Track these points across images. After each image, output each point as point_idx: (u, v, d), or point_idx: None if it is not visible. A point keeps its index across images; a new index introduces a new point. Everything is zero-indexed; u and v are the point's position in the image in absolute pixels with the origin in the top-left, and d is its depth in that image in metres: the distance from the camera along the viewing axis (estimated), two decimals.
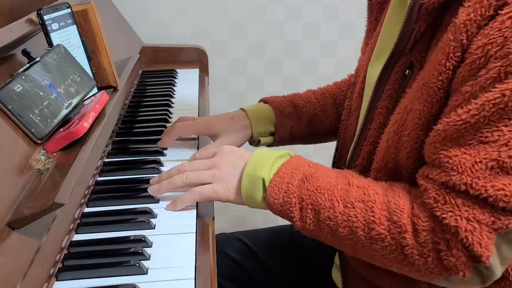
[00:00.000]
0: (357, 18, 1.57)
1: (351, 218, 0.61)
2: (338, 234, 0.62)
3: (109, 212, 0.71)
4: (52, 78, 0.70)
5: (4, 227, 0.52)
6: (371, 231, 0.60)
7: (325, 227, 0.63)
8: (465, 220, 0.55)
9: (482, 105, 0.53)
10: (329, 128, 0.97)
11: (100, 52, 0.89)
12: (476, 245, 0.55)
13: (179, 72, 1.38)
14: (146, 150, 0.90)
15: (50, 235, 0.58)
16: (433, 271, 0.58)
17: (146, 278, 0.59)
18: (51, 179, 0.61)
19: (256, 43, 1.56)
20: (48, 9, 0.76)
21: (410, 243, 0.58)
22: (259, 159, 0.68)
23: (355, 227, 0.61)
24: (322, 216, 0.63)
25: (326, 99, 0.97)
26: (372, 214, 0.60)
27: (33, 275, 0.53)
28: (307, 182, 0.64)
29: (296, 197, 0.64)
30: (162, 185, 0.72)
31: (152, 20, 1.48)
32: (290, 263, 0.94)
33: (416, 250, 0.58)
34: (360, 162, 0.73)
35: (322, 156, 1.75)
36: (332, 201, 0.62)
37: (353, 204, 0.61)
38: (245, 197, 0.68)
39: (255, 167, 0.67)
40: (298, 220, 0.65)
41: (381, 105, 0.69)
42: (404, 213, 0.59)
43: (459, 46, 0.55)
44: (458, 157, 0.55)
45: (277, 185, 0.65)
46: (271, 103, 0.94)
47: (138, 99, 1.16)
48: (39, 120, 0.65)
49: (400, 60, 0.66)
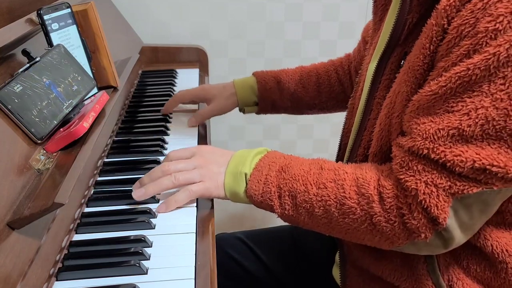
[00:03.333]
0: (357, 18, 1.57)
1: (324, 197, 0.66)
2: (314, 215, 0.67)
3: (109, 212, 0.71)
4: (52, 78, 0.70)
5: (4, 227, 0.52)
6: (343, 206, 0.65)
7: (302, 210, 0.68)
8: (424, 183, 0.59)
9: (449, 77, 0.57)
10: (309, 103, 1.07)
11: (100, 52, 0.89)
12: (433, 207, 0.59)
13: (179, 72, 1.38)
14: (146, 150, 0.90)
15: (50, 235, 0.58)
16: (400, 236, 0.63)
17: (146, 278, 0.59)
18: (51, 179, 0.61)
19: (256, 43, 1.56)
20: (48, 9, 0.76)
21: (377, 211, 0.63)
22: (240, 157, 0.73)
23: (328, 205, 0.65)
24: (298, 200, 0.67)
25: (310, 78, 1.06)
26: (343, 190, 0.65)
27: (33, 275, 0.53)
28: (283, 172, 0.69)
29: (274, 186, 0.69)
30: (149, 188, 0.71)
31: (152, 20, 1.48)
32: (290, 262, 0.94)
33: (383, 217, 0.62)
34: (361, 152, 0.76)
35: (322, 156, 1.75)
36: (306, 185, 0.67)
37: (325, 185, 0.66)
38: (229, 192, 0.72)
39: (236, 165, 0.72)
40: (278, 207, 0.69)
41: (378, 95, 0.73)
42: (371, 184, 0.64)
43: (441, 30, 0.59)
44: (425, 125, 0.59)
45: (256, 178, 0.70)
46: (257, 76, 1.06)
47: (138, 99, 1.16)
48: (39, 120, 0.65)
49: (395, 51, 0.70)
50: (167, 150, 0.90)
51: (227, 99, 1.05)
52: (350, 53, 1.08)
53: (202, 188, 0.71)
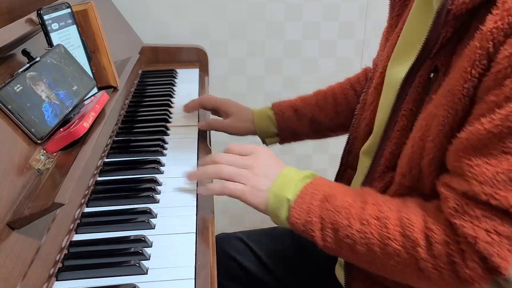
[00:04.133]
0: (357, 18, 1.57)
1: (367, 235, 0.62)
2: (356, 251, 0.64)
3: (109, 212, 0.71)
4: (52, 78, 0.70)
5: (4, 227, 0.52)
6: (386, 247, 0.61)
7: (344, 245, 0.64)
8: (484, 231, 0.55)
9: (506, 115, 0.52)
10: (329, 126, 1.03)
11: (100, 52, 0.89)
12: (495, 257, 0.54)
13: (179, 72, 1.38)
14: (146, 150, 0.90)
15: (50, 235, 0.58)
16: (450, 283, 0.59)
17: (146, 278, 0.59)
18: (51, 179, 0.61)
19: (256, 43, 1.56)
20: (48, 9, 0.76)
21: (424, 257, 0.59)
22: (285, 179, 0.70)
23: (371, 244, 0.62)
24: (340, 234, 0.64)
25: (327, 99, 1.02)
26: (387, 230, 0.61)
27: (33, 275, 0.53)
28: (327, 202, 0.66)
29: (317, 216, 0.66)
30: (197, 171, 0.75)
31: (152, 20, 1.48)
32: (291, 262, 0.94)
33: (430, 263, 0.58)
34: (384, 161, 0.73)
35: (322, 156, 1.75)
36: (349, 219, 0.64)
37: (368, 221, 0.63)
38: (271, 213, 0.70)
39: (281, 187, 0.69)
40: (320, 238, 0.66)
41: (405, 107, 0.69)
42: (416, 227, 0.59)
43: (485, 54, 0.54)
44: (480, 167, 0.55)
45: (299, 206, 0.67)
46: (274, 107, 1.04)
47: (138, 99, 1.16)
48: (39, 120, 0.65)
49: (425, 64, 0.66)
50: (167, 150, 0.90)
51: (242, 123, 1.03)
52: (368, 67, 1.04)
53: (239, 190, 0.70)
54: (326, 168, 1.75)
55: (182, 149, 0.92)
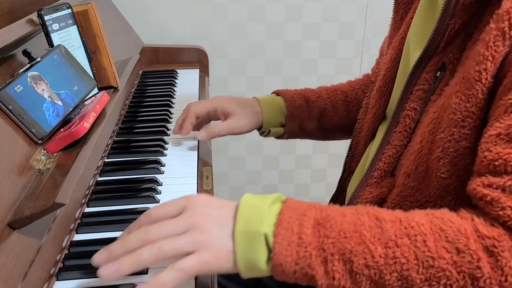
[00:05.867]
0: (357, 19, 1.57)
1: (398, 259, 0.49)
2: (382, 284, 0.50)
3: (109, 212, 0.71)
4: (52, 78, 0.70)
5: (5, 227, 0.52)
6: (429, 269, 0.49)
7: (362, 279, 0.50)
8: None
9: None
10: (338, 124, 0.97)
11: (100, 53, 0.89)
12: None
13: (180, 73, 1.38)
14: (146, 150, 0.90)
15: (50, 235, 0.59)
16: None
17: (147, 278, 0.59)
18: (51, 179, 0.61)
19: (256, 43, 1.56)
20: (49, 9, 0.76)
21: (485, 272, 0.48)
22: (251, 209, 0.53)
23: (405, 270, 0.49)
24: (356, 265, 0.50)
25: (337, 96, 0.97)
26: (426, 248, 0.49)
27: (33, 274, 0.53)
28: (323, 228, 0.51)
29: (314, 248, 0.51)
30: (124, 264, 0.51)
31: (152, 21, 1.48)
32: None
33: (494, 280, 0.48)
34: (381, 166, 0.70)
35: (322, 156, 1.75)
36: (366, 243, 0.50)
37: (396, 243, 0.50)
38: (243, 263, 0.52)
39: (249, 221, 0.52)
40: (323, 277, 0.51)
41: (408, 106, 0.66)
42: (470, 238, 0.49)
43: (500, 35, 0.52)
44: None
45: (285, 239, 0.51)
46: (283, 95, 0.95)
47: (139, 99, 1.16)
48: (40, 120, 0.65)
49: (432, 60, 0.63)
50: (167, 150, 0.90)
51: (248, 118, 0.90)
52: (368, 73, 1.02)
53: (197, 263, 0.51)
54: (326, 168, 1.76)
55: (183, 149, 0.92)
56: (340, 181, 0.92)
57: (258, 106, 0.92)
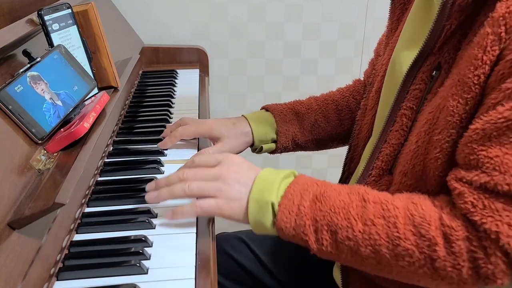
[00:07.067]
0: (357, 19, 1.57)
1: (373, 235, 0.58)
2: (359, 254, 0.60)
3: (109, 212, 0.71)
4: (52, 78, 0.70)
5: (5, 227, 0.52)
6: (396, 247, 0.57)
7: (344, 248, 0.60)
8: (507, 225, 0.52)
9: None
10: (332, 133, 0.96)
11: (100, 53, 0.89)
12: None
13: (180, 73, 1.38)
14: (146, 150, 0.90)
15: (50, 235, 0.59)
16: (467, 281, 0.56)
17: (147, 278, 0.59)
18: (51, 179, 0.61)
19: (256, 43, 1.56)
20: (49, 9, 0.76)
21: (441, 255, 0.55)
22: (265, 181, 0.65)
23: (378, 245, 0.58)
24: (340, 236, 0.60)
25: (328, 105, 0.96)
26: (396, 229, 0.57)
27: (33, 275, 0.53)
28: (319, 202, 0.61)
29: (309, 219, 0.61)
30: (162, 192, 0.67)
31: (152, 21, 1.48)
32: (290, 262, 0.94)
33: (448, 262, 0.56)
34: (379, 164, 0.71)
35: (322, 156, 1.75)
36: (349, 219, 0.59)
37: (373, 221, 0.59)
38: (253, 223, 0.64)
39: (261, 191, 0.64)
40: (314, 242, 0.61)
41: (405, 106, 0.67)
42: (432, 225, 0.56)
43: (497, 40, 0.53)
44: (500, 157, 0.53)
45: (287, 208, 0.62)
46: (272, 110, 0.94)
47: (139, 99, 1.16)
48: (40, 120, 0.65)
49: (428, 60, 0.65)
50: (167, 150, 0.90)
51: (237, 139, 0.90)
52: (359, 79, 1.01)
53: (214, 206, 0.65)
54: (326, 168, 1.76)
55: (183, 149, 0.92)
56: (339, 182, 0.92)
57: (247, 125, 0.91)
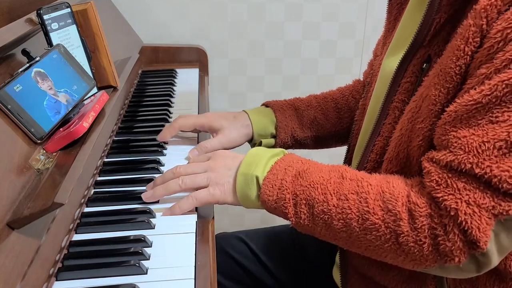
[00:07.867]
0: (357, 18, 1.57)
1: (345, 210, 0.61)
2: (332, 227, 0.63)
3: (109, 212, 0.71)
4: (51, 77, 0.70)
5: (4, 227, 0.52)
6: (365, 221, 0.60)
7: (319, 221, 0.63)
8: (465, 203, 0.54)
9: (495, 85, 0.52)
10: (330, 131, 0.97)
11: (100, 52, 0.88)
12: (475, 230, 0.54)
13: (179, 72, 1.38)
14: (146, 150, 0.90)
15: (49, 235, 0.58)
16: (428, 258, 0.58)
17: (146, 278, 0.59)
18: (51, 179, 0.61)
19: (256, 43, 1.56)
20: (48, 8, 0.76)
21: (405, 230, 0.58)
22: (253, 157, 0.69)
23: (349, 219, 0.61)
24: (316, 210, 0.63)
25: (328, 103, 0.97)
26: (366, 204, 0.60)
27: (32, 275, 0.53)
28: (301, 178, 0.65)
29: (290, 193, 0.64)
30: (157, 190, 0.71)
31: (152, 20, 1.48)
32: (290, 262, 0.94)
33: (411, 237, 0.58)
34: (373, 157, 0.72)
35: (322, 156, 1.75)
36: (326, 194, 0.63)
37: (346, 196, 0.62)
38: (240, 196, 0.68)
39: (249, 165, 0.68)
40: (293, 215, 0.65)
41: (397, 99, 0.69)
42: (399, 200, 0.59)
43: (478, 31, 0.55)
44: (467, 138, 0.55)
45: (270, 182, 0.65)
46: (272, 106, 0.95)
47: (138, 98, 1.16)
48: (39, 119, 0.65)
49: (418, 53, 0.66)
50: (167, 150, 0.90)
51: (238, 131, 0.91)
52: (359, 79, 1.02)
53: (206, 194, 0.69)
54: None
55: (182, 149, 0.91)
56: None
57: (247, 119, 0.92)
